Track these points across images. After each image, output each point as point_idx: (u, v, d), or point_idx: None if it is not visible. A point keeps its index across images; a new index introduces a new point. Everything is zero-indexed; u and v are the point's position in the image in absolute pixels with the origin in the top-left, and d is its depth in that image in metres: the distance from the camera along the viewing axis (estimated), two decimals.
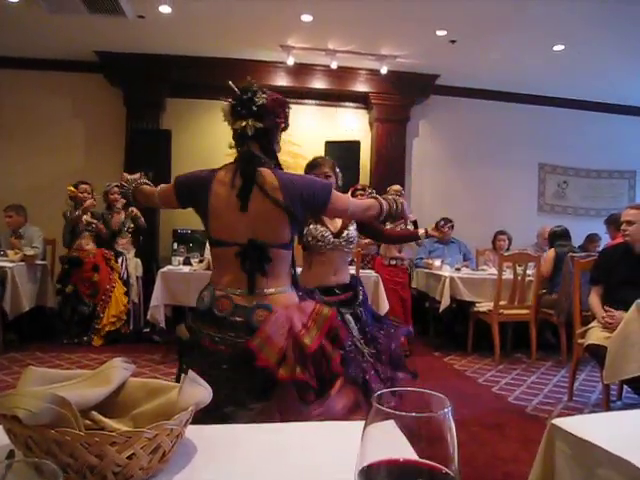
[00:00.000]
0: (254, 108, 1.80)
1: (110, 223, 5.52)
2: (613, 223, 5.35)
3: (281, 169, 1.93)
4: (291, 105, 1.97)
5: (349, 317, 2.59)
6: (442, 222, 3.20)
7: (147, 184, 2.08)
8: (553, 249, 5.36)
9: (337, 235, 2.70)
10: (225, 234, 1.84)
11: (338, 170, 2.76)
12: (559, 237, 5.49)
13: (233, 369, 1.75)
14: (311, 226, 2.66)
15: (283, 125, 1.94)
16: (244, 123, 1.82)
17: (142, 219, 5.68)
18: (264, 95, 1.83)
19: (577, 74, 6.51)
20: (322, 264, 2.70)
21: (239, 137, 1.87)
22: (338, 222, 2.72)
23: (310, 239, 2.68)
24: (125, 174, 2.15)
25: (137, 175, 2.12)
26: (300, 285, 2.65)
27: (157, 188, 2.02)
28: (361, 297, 2.73)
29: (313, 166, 2.74)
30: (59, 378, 0.89)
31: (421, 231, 3.04)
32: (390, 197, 2.15)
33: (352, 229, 2.77)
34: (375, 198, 2.11)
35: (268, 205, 1.79)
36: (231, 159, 1.94)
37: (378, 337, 2.53)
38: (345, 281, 2.74)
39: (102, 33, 5.65)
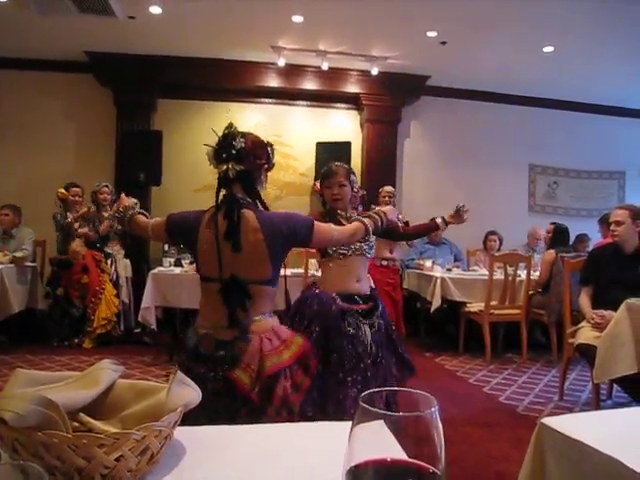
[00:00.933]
0: (233, 151, 1.88)
1: (98, 229, 5.48)
2: (606, 222, 5.37)
3: (266, 208, 2.00)
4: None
5: (367, 328, 2.57)
6: (462, 205, 3.12)
7: (143, 214, 2.15)
8: (553, 251, 5.27)
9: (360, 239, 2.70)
10: (210, 271, 1.92)
11: (354, 178, 2.72)
12: (563, 233, 5.51)
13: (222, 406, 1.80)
14: None
15: (266, 165, 2.01)
16: (225, 166, 1.89)
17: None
18: (242, 139, 1.90)
19: (566, 75, 6.55)
20: (344, 270, 2.65)
21: (223, 180, 1.94)
22: None
23: None
24: (124, 198, 2.21)
25: (134, 201, 2.19)
26: (321, 290, 2.65)
27: (151, 221, 2.10)
28: (381, 309, 2.70)
29: (327, 174, 2.71)
30: (47, 380, 0.88)
31: (439, 220, 3.01)
32: (372, 213, 2.20)
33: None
34: (358, 220, 2.15)
35: (250, 245, 1.87)
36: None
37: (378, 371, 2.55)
38: (367, 291, 2.70)
39: (92, 33, 5.62)
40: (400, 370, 2.67)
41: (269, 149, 1.99)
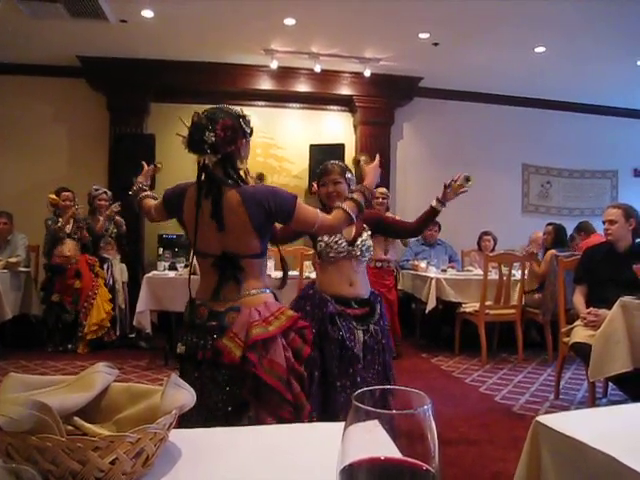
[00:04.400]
0: (206, 146, 1.83)
1: (94, 228, 5.47)
2: (583, 230, 5.55)
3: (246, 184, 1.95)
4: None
5: (360, 333, 2.53)
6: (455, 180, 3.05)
7: (153, 197, 2.23)
8: (555, 251, 5.19)
9: (351, 243, 2.61)
10: (202, 246, 1.95)
11: (350, 175, 2.66)
12: (562, 233, 5.55)
13: (214, 377, 1.86)
14: None
15: (244, 140, 1.93)
16: (201, 159, 1.87)
17: (124, 227, 5.64)
18: (212, 133, 1.82)
19: (558, 75, 6.58)
20: (335, 273, 2.61)
21: (203, 167, 1.89)
22: (352, 229, 2.59)
23: (323, 245, 2.58)
24: (146, 168, 2.40)
25: (152, 167, 2.44)
26: (317, 290, 2.64)
27: (153, 203, 2.17)
28: (377, 316, 2.63)
29: (322, 172, 2.69)
30: (41, 384, 0.88)
31: (434, 203, 2.94)
32: (353, 195, 2.11)
33: (366, 236, 2.68)
34: (339, 208, 2.06)
35: (234, 221, 1.87)
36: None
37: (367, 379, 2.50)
38: (363, 295, 2.65)
39: (84, 38, 5.62)
40: (380, 382, 2.56)
41: (242, 122, 1.91)
